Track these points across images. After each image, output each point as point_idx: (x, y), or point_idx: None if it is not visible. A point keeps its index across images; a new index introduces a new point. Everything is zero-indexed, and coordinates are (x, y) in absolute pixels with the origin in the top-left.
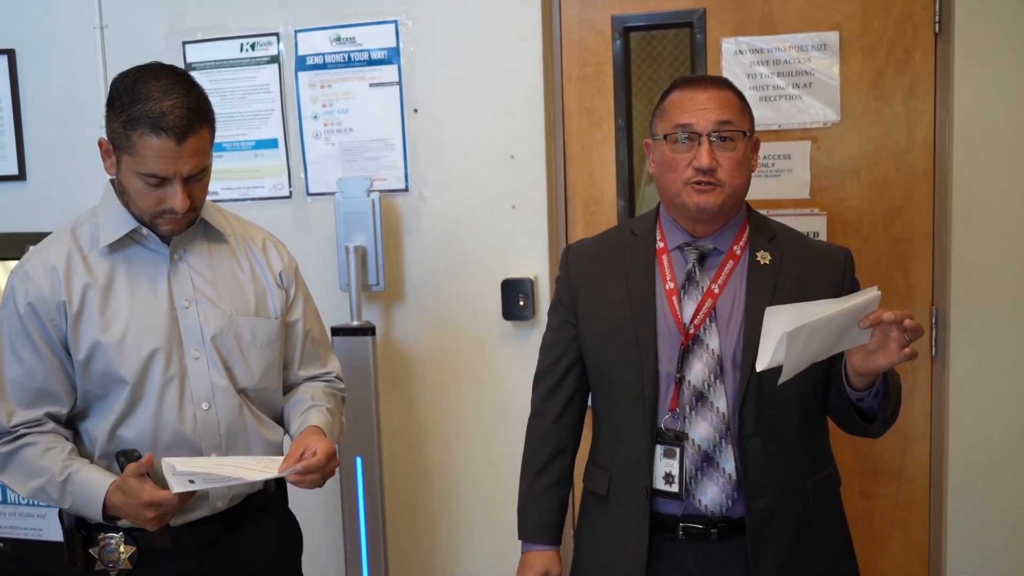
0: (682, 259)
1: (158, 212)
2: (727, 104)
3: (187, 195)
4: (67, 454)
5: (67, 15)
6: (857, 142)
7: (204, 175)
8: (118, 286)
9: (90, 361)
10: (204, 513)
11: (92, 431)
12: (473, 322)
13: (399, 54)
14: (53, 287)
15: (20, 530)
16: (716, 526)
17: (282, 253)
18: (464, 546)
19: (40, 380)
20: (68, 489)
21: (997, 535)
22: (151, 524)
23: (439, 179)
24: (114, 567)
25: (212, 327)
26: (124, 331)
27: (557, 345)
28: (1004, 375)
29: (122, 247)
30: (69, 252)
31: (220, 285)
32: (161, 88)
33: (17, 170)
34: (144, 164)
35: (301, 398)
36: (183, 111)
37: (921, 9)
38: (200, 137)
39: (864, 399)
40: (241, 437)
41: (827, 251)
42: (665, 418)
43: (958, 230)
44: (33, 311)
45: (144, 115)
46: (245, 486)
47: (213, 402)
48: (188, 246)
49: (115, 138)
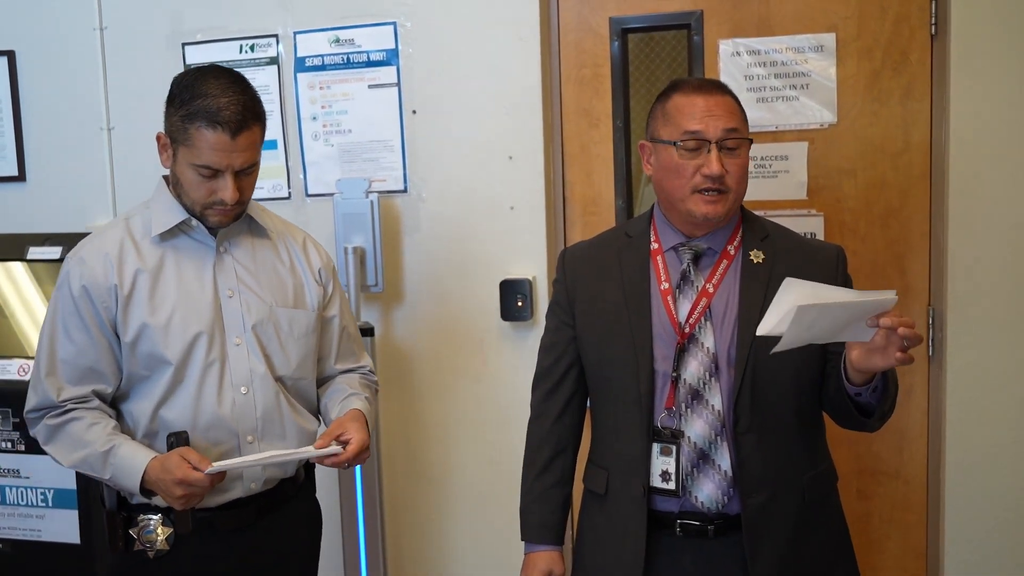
0: (677, 259)
1: (209, 203)
2: (732, 111)
3: (237, 188)
4: (111, 429)
5: (67, 16)
6: (854, 143)
7: (253, 170)
8: (167, 273)
9: (137, 343)
10: (239, 494)
11: (135, 412)
12: (471, 322)
13: (398, 55)
14: (106, 272)
15: (19, 531)
16: (713, 523)
17: (321, 252)
18: (462, 545)
19: (89, 359)
20: (110, 461)
21: (994, 535)
22: (178, 503)
23: (438, 180)
24: (152, 547)
25: (253, 316)
26: (170, 315)
27: (555, 346)
28: (1001, 375)
29: (172, 237)
30: (122, 240)
31: (262, 277)
32: (219, 86)
33: (17, 171)
34: (199, 156)
35: (339, 387)
36: (238, 108)
37: (917, 11)
38: (252, 133)
39: (863, 394)
40: (276, 423)
41: (819, 248)
42: (661, 416)
43: (955, 230)
44: (86, 294)
45: (202, 110)
46: (279, 470)
47: (251, 387)
48: (233, 239)
49: (173, 131)
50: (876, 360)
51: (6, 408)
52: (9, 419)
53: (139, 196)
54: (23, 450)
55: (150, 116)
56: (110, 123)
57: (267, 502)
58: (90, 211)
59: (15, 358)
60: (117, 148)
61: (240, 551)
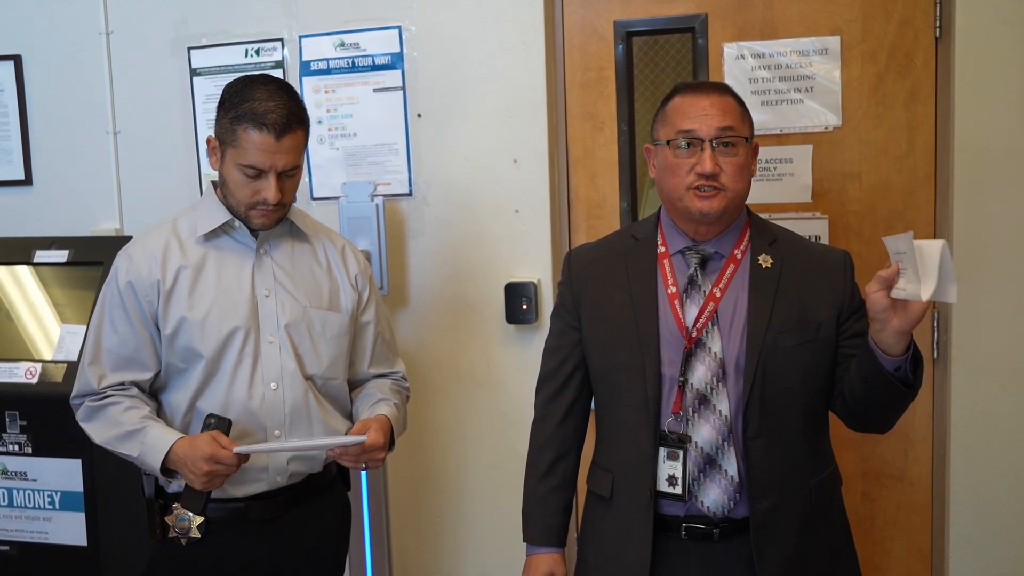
0: (683, 263)
1: (252, 203)
2: (729, 110)
3: (279, 189)
4: (146, 413)
5: (73, 21)
6: (858, 146)
7: (296, 173)
8: (208, 270)
9: (176, 336)
10: (265, 487)
11: (173, 402)
12: (476, 326)
13: (403, 59)
14: (150, 268)
15: (26, 533)
16: (718, 526)
17: (359, 258)
18: (467, 548)
19: (130, 349)
20: (140, 439)
21: (999, 537)
22: (201, 480)
23: (443, 183)
24: (185, 535)
25: (287, 316)
26: (208, 310)
27: (560, 349)
28: (1006, 378)
29: (215, 237)
30: (168, 240)
31: (298, 279)
32: (266, 92)
33: (24, 175)
34: (245, 156)
35: (370, 392)
36: (284, 112)
37: (922, 14)
38: (296, 137)
39: (901, 366)
40: (304, 420)
41: (827, 254)
42: (668, 421)
43: (959, 234)
44: (132, 288)
45: (250, 112)
46: (303, 465)
47: (281, 383)
48: (273, 242)
49: (222, 133)
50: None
51: (13, 411)
52: (16, 422)
53: (145, 199)
54: (30, 453)
55: (156, 120)
56: (116, 127)
57: (296, 494)
58: (96, 215)
59: (22, 361)
60: (123, 152)
61: (270, 542)
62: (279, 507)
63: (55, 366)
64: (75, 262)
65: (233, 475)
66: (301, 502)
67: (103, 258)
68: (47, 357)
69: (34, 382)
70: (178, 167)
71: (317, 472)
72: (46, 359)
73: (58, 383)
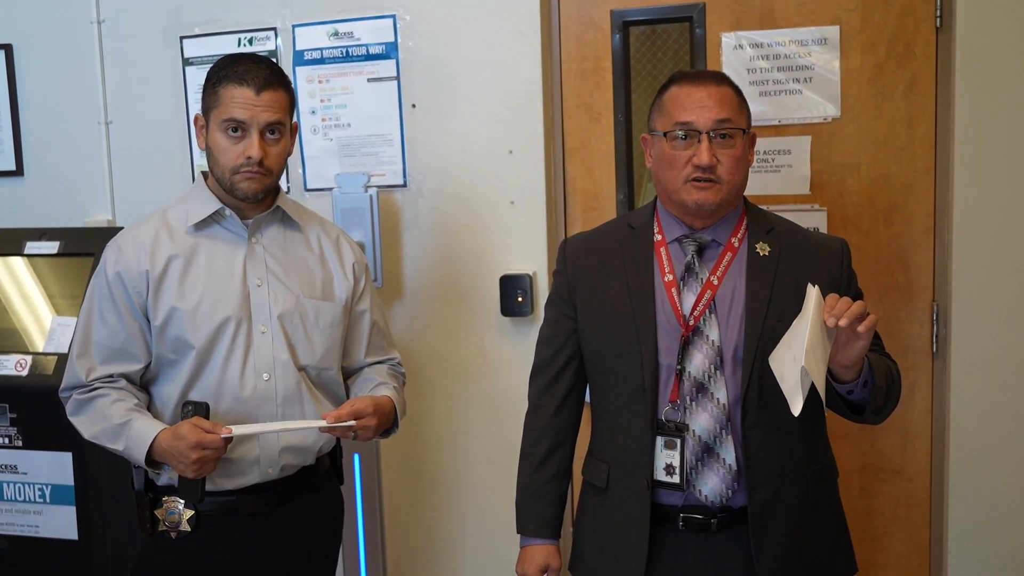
0: (680, 251)
1: (237, 167)
2: (726, 101)
3: (263, 149)
4: (132, 405)
5: (64, 9)
6: (857, 137)
7: (281, 138)
8: (199, 260)
9: (166, 326)
10: (256, 479)
11: (164, 394)
12: (471, 318)
13: (397, 49)
14: (139, 259)
15: (17, 527)
16: (716, 516)
17: (354, 248)
18: (462, 541)
19: (120, 341)
20: (124, 432)
21: (998, 532)
22: (191, 468)
23: (437, 175)
24: (175, 528)
25: (280, 306)
26: (199, 300)
27: (555, 339)
28: (1006, 371)
29: (206, 227)
30: (157, 230)
31: (291, 268)
32: (249, 59)
33: (15, 165)
34: (226, 111)
35: (368, 377)
36: (264, 72)
37: (922, 3)
38: (277, 94)
39: (854, 390)
40: (296, 410)
41: (824, 242)
42: (666, 410)
43: (959, 226)
44: (120, 279)
45: (231, 73)
46: (297, 458)
47: (273, 374)
48: (265, 231)
49: (206, 101)
50: (853, 344)
51: (3, 404)
52: (7, 414)
53: (137, 190)
54: (20, 446)
55: (148, 110)
56: (108, 117)
57: (288, 488)
58: (88, 205)
59: (12, 353)
60: (115, 142)
61: (262, 535)
62: (271, 501)
63: (45, 358)
64: (66, 253)
65: (224, 467)
66: (293, 496)
67: (94, 249)
68: (38, 349)
69: (24, 374)
70: (171, 157)
71: (310, 465)
72: (37, 351)
73: (49, 375)
